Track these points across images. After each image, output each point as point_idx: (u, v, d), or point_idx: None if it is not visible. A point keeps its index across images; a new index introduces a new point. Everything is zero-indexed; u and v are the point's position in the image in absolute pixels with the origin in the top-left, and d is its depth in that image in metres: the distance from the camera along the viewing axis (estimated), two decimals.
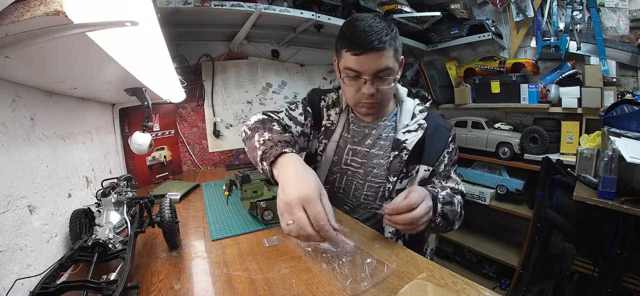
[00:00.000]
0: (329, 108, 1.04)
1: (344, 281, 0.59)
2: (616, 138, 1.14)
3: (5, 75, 0.60)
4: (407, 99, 1.01)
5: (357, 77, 0.86)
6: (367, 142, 0.99)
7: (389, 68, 0.84)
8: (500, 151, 1.88)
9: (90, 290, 0.50)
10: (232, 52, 1.92)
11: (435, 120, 0.98)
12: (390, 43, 0.81)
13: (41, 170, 0.72)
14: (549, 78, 1.82)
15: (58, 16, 0.32)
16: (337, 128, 1.02)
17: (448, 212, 0.83)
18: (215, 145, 1.91)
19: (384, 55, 0.81)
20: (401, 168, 0.91)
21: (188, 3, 1.27)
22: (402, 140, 0.92)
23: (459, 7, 2.03)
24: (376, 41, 0.79)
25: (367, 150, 0.99)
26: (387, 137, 0.98)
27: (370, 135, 0.99)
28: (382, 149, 0.97)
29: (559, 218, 1.49)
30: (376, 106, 0.92)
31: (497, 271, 2.06)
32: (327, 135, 1.02)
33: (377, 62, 0.82)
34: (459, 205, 0.91)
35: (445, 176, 0.95)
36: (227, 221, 0.96)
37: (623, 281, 1.25)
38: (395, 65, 0.86)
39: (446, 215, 0.83)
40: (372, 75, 0.84)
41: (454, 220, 0.89)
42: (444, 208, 0.82)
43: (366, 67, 0.83)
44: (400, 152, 0.92)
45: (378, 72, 0.83)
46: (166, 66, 0.82)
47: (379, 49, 0.80)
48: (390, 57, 0.83)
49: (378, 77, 0.85)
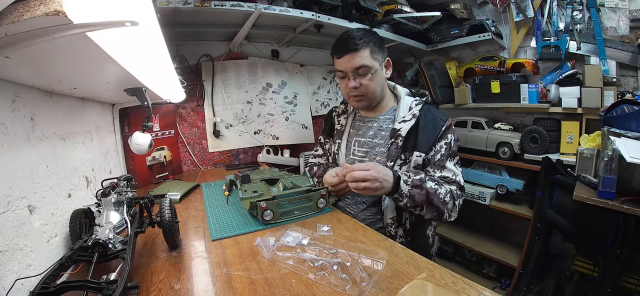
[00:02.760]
0: (339, 116, 1.27)
1: (344, 286, 0.59)
2: (616, 138, 1.14)
3: (5, 75, 0.60)
4: (405, 97, 1.14)
5: (344, 76, 1.08)
6: (369, 134, 1.14)
7: (364, 65, 1.03)
8: (500, 151, 1.88)
9: (90, 290, 0.50)
10: (232, 52, 1.92)
11: (432, 113, 1.08)
12: (363, 45, 1.01)
13: (41, 170, 0.72)
14: (549, 78, 1.82)
15: (58, 16, 0.32)
16: (346, 128, 1.23)
17: (415, 194, 0.93)
18: (215, 145, 1.92)
19: (359, 55, 1.02)
20: (398, 154, 1.03)
21: (188, 3, 1.27)
22: (397, 129, 1.05)
23: (459, 7, 2.02)
24: (351, 44, 1.02)
25: (370, 139, 1.14)
26: (387, 128, 1.12)
27: (372, 128, 1.15)
28: (383, 139, 1.11)
29: (559, 218, 1.49)
30: (363, 98, 1.09)
31: (497, 271, 2.06)
32: (339, 135, 1.23)
33: (353, 60, 1.03)
34: (449, 194, 0.98)
35: (439, 165, 1.03)
36: (227, 221, 0.96)
37: (623, 281, 1.25)
38: (372, 63, 1.03)
39: (413, 197, 0.93)
40: (352, 72, 1.04)
41: (433, 206, 0.95)
42: (411, 191, 0.93)
43: (346, 66, 1.05)
44: (396, 139, 1.04)
45: (356, 69, 1.03)
46: (166, 66, 0.82)
47: (353, 50, 1.02)
48: (365, 57, 1.02)
49: (357, 73, 1.04)
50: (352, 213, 1.13)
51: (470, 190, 2.01)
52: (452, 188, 1.00)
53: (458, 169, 1.05)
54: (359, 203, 1.14)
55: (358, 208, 1.14)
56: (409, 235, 1.07)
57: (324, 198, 1.02)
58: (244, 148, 2.01)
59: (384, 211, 1.07)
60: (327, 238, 0.80)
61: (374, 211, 1.11)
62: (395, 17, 1.83)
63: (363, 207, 1.13)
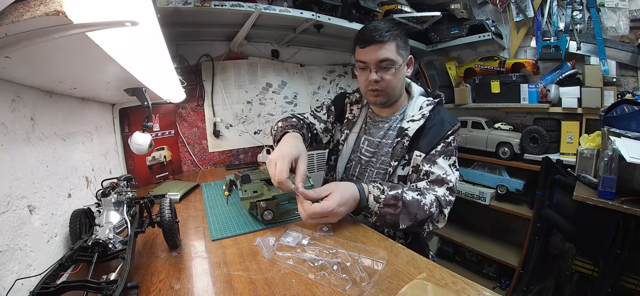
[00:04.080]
0: (352, 104, 1.20)
1: (344, 286, 0.59)
2: (616, 138, 1.14)
3: (5, 75, 0.60)
4: (419, 97, 1.10)
5: (365, 67, 1.02)
6: (380, 133, 1.10)
7: (389, 59, 0.98)
8: (500, 151, 1.88)
9: (90, 290, 0.50)
10: (232, 52, 1.92)
11: (441, 115, 1.03)
12: (390, 38, 0.97)
13: (41, 170, 0.72)
14: (549, 78, 1.82)
15: (58, 16, 0.32)
16: (358, 120, 1.17)
17: (386, 214, 0.83)
18: (215, 145, 1.91)
19: (384, 47, 0.97)
20: (403, 154, 1.00)
21: (188, 3, 1.27)
22: (405, 128, 1.01)
23: (459, 7, 2.03)
24: (377, 36, 0.96)
25: (379, 140, 1.10)
26: (395, 127, 1.08)
27: (383, 128, 1.11)
28: (390, 138, 1.07)
29: (559, 218, 1.49)
30: (381, 93, 1.03)
31: (497, 271, 2.06)
32: (349, 126, 1.17)
33: (378, 52, 0.97)
34: (435, 202, 0.88)
35: (430, 160, 0.96)
36: (227, 221, 0.96)
37: (623, 281, 1.25)
38: (397, 57, 0.99)
39: (384, 216, 0.83)
40: (375, 64, 0.99)
41: (412, 216, 0.85)
42: (382, 210, 0.83)
43: (369, 57, 0.99)
44: (402, 138, 1.01)
45: (380, 62, 0.98)
46: (166, 66, 0.82)
47: (379, 42, 0.96)
48: (391, 50, 0.97)
49: (380, 66, 0.99)
50: None
51: (470, 190, 2.01)
52: (438, 196, 0.90)
53: (452, 170, 0.96)
54: None
55: None
56: (408, 236, 1.06)
57: None
58: (244, 148, 2.01)
59: None
60: (327, 238, 0.80)
61: None
62: (395, 17, 1.82)
63: None
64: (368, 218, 0.87)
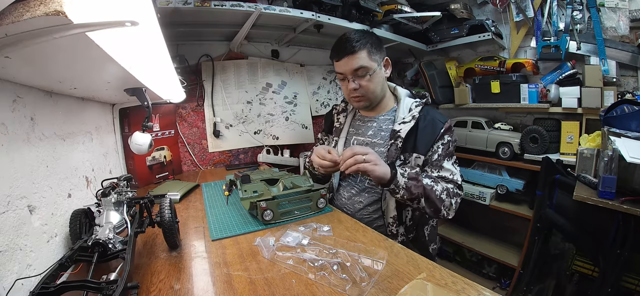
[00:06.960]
0: (338, 113, 1.30)
1: (344, 286, 0.59)
2: (616, 138, 1.14)
3: (5, 75, 0.60)
4: (406, 98, 1.15)
5: (343, 78, 1.10)
6: (369, 133, 1.16)
7: (363, 66, 1.05)
8: (500, 151, 1.88)
9: (90, 290, 0.50)
10: (232, 52, 1.92)
11: (431, 115, 1.09)
12: (360, 47, 1.03)
13: (41, 170, 0.72)
14: (549, 78, 1.82)
15: (58, 16, 0.32)
16: (344, 126, 1.25)
17: (412, 186, 0.94)
18: (215, 145, 1.91)
19: (356, 56, 1.04)
20: (397, 155, 1.05)
21: (188, 3, 1.27)
22: (397, 130, 1.06)
23: (459, 7, 2.02)
24: (348, 47, 1.04)
25: (369, 139, 1.15)
26: (386, 128, 1.13)
27: (371, 127, 1.17)
28: (383, 139, 1.12)
29: (559, 218, 1.48)
30: (363, 99, 1.11)
31: (497, 271, 2.06)
32: (337, 133, 1.25)
33: (351, 62, 1.05)
34: (446, 192, 0.99)
35: (437, 165, 1.05)
36: (227, 221, 0.96)
37: (623, 281, 1.25)
38: (370, 64, 1.05)
39: (409, 189, 0.94)
40: (351, 73, 1.06)
41: (430, 201, 0.96)
42: (408, 183, 0.94)
43: (345, 68, 1.07)
44: (395, 140, 1.05)
45: (355, 71, 1.05)
46: (166, 66, 0.82)
47: (351, 52, 1.04)
48: (363, 58, 1.04)
49: (357, 74, 1.06)
50: (349, 212, 1.13)
51: (470, 190, 2.01)
52: (448, 187, 1.01)
53: (456, 168, 1.06)
54: (356, 202, 1.14)
55: (355, 208, 1.14)
56: (410, 231, 1.08)
57: (323, 198, 1.02)
58: (244, 148, 2.01)
59: (384, 211, 1.07)
60: (327, 238, 0.80)
61: (371, 210, 1.11)
62: (395, 17, 1.82)
63: (360, 207, 1.13)
64: (396, 193, 0.95)
